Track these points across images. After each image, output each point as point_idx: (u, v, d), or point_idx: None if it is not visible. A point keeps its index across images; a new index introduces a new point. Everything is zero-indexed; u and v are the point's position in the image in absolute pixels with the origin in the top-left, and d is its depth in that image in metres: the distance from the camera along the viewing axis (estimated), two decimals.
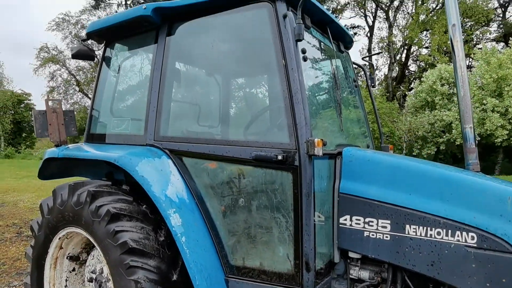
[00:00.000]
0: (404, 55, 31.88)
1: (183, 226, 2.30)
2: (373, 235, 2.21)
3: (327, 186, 2.38)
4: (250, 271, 2.37)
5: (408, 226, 2.11)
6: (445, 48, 26.45)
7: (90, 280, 2.75)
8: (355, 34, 32.29)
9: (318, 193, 2.25)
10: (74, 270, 2.93)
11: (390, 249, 2.16)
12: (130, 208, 2.40)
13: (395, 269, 2.29)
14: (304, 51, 2.23)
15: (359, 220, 2.25)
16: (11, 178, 14.25)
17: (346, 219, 2.30)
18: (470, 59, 24.20)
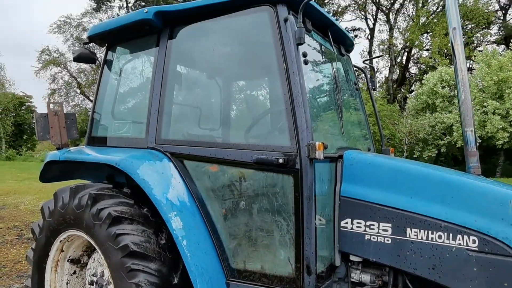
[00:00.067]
0: (405, 58, 31.94)
1: (184, 229, 2.30)
2: (374, 239, 2.21)
3: (328, 189, 2.38)
4: (251, 274, 2.37)
5: (409, 230, 2.10)
6: (446, 51, 26.47)
7: (91, 283, 2.74)
8: (356, 37, 32.35)
9: (319, 196, 2.25)
10: (75, 273, 2.93)
11: (391, 253, 2.16)
12: (131, 211, 2.40)
13: (396, 273, 2.29)
14: (305, 55, 2.23)
15: (360, 224, 2.25)
16: (12, 180, 14.26)
17: (347, 223, 2.30)
18: (471, 62, 24.21)
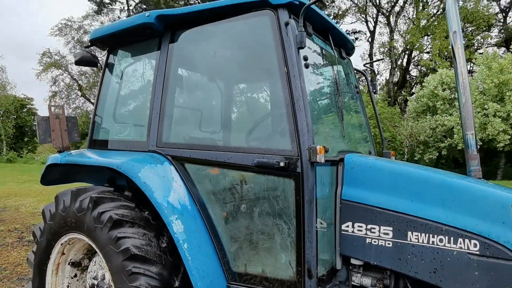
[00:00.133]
0: (406, 60, 31.98)
1: (185, 233, 2.30)
2: (375, 242, 2.21)
3: (329, 193, 2.38)
4: (252, 278, 2.37)
5: (410, 233, 2.11)
6: (446, 53, 26.52)
7: (92, 286, 2.74)
8: (356, 39, 32.41)
9: (320, 200, 2.25)
10: (76, 276, 2.93)
11: (392, 256, 2.16)
12: (132, 215, 2.40)
13: (398, 276, 2.29)
14: (306, 58, 2.24)
15: (361, 227, 2.25)
16: (13, 183, 14.27)
17: (348, 226, 2.30)
18: (472, 64, 24.24)
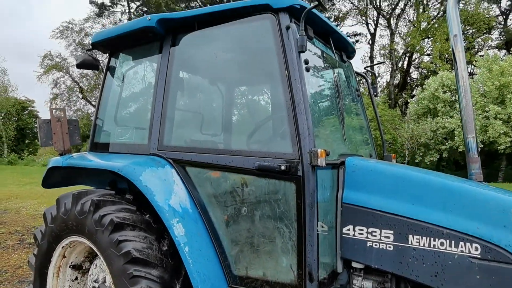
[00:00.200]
0: (406, 62, 32.01)
1: (186, 236, 2.31)
2: (376, 245, 2.20)
3: (330, 196, 2.38)
4: (253, 281, 2.37)
5: (411, 237, 2.10)
6: (447, 55, 26.54)
7: None
8: (357, 42, 32.46)
9: (321, 203, 2.25)
10: (77, 279, 2.93)
11: (393, 259, 2.15)
12: (134, 218, 2.41)
13: (399, 280, 2.28)
14: (307, 62, 2.24)
15: (362, 230, 2.25)
16: (14, 185, 14.28)
17: (349, 229, 2.30)
18: (472, 66, 24.25)
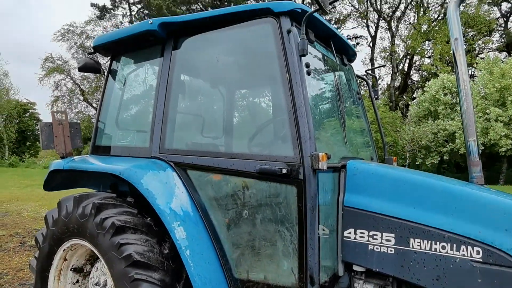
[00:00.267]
0: (407, 65, 32.03)
1: (188, 239, 2.31)
2: (377, 249, 2.20)
3: (331, 199, 2.38)
4: (254, 285, 2.36)
5: (413, 240, 2.10)
6: (448, 58, 26.56)
7: None
8: (358, 44, 32.51)
9: (322, 206, 2.25)
10: (78, 282, 2.93)
11: (395, 263, 2.15)
12: (135, 221, 2.41)
13: (400, 283, 2.28)
14: (308, 65, 2.25)
15: (363, 233, 2.25)
16: (15, 187, 14.29)
17: (350, 232, 2.29)
18: (473, 69, 24.26)
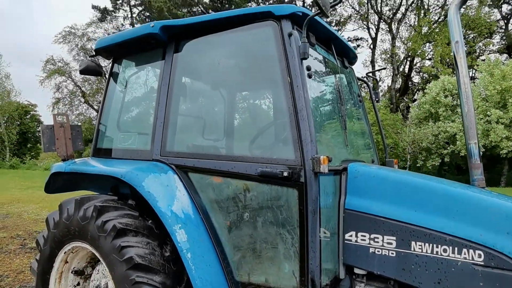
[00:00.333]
0: (407, 67, 32.04)
1: (189, 242, 2.31)
2: (379, 252, 2.20)
3: (333, 202, 2.38)
4: (256, 287, 2.37)
5: (414, 243, 2.09)
6: (448, 60, 26.57)
7: None
8: (358, 46, 32.54)
9: (324, 209, 2.24)
10: (79, 285, 2.92)
11: (396, 266, 2.15)
12: (136, 223, 2.41)
13: (401, 286, 2.27)
14: (309, 68, 2.25)
15: (365, 236, 2.25)
16: (16, 189, 14.30)
17: (352, 235, 2.29)
18: (474, 71, 24.27)
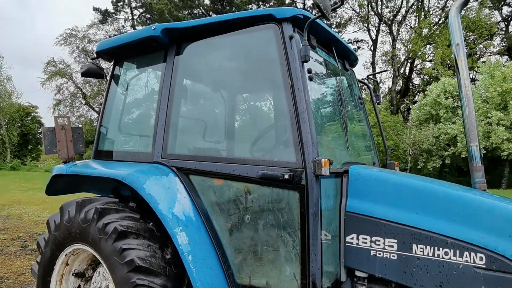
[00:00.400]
0: (408, 69, 32.04)
1: (190, 244, 2.31)
2: (380, 254, 2.20)
3: (334, 205, 2.38)
4: None
5: (415, 246, 2.09)
6: (449, 62, 26.58)
7: None
8: (359, 48, 32.54)
9: (325, 212, 2.24)
10: (80, 287, 2.92)
11: (397, 269, 2.14)
12: (137, 226, 2.41)
13: None
14: (310, 71, 2.26)
15: (366, 239, 2.24)
16: (17, 191, 14.31)
17: (353, 238, 2.29)
18: (474, 73, 24.27)
